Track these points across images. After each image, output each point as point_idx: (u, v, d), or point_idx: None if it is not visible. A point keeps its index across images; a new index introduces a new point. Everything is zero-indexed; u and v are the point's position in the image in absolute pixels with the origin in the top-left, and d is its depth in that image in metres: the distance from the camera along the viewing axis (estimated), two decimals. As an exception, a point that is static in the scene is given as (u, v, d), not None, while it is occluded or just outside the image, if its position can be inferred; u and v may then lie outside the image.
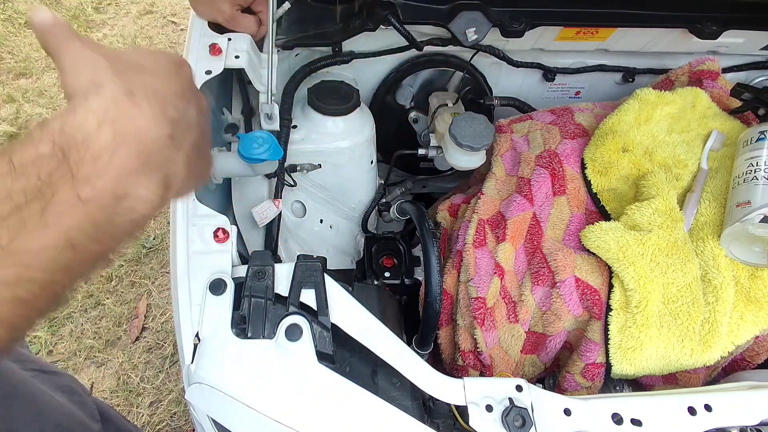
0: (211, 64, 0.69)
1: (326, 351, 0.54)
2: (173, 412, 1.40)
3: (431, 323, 0.69)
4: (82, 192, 0.32)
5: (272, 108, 0.74)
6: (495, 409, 0.51)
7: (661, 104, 0.79)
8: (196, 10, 0.75)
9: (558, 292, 0.67)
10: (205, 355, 0.52)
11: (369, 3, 0.79)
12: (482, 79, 1.00)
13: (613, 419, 0.52)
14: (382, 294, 0.75)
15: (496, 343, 0.71)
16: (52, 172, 0.31)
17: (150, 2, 2.43)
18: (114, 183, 0.33)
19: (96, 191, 0.32)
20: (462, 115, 0.80)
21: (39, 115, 1.96)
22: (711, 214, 0.70)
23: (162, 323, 1.54)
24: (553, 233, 0.74)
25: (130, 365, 1.46)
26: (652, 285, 0.64)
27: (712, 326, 0.65)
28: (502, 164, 0.82)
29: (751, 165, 0.67)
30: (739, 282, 0.67)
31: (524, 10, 0.80)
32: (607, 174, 0.75)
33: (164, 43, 2.30)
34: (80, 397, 0.76)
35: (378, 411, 0.51)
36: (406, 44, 0.83)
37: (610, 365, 0.67)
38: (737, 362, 0.73)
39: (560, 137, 0.80)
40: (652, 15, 0.84)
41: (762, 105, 0.76)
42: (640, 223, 0.68)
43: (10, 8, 2.28)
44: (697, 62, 0.86)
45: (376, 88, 1.00)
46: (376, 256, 0.89)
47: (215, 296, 0.54)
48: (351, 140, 0.84)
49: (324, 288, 0.57)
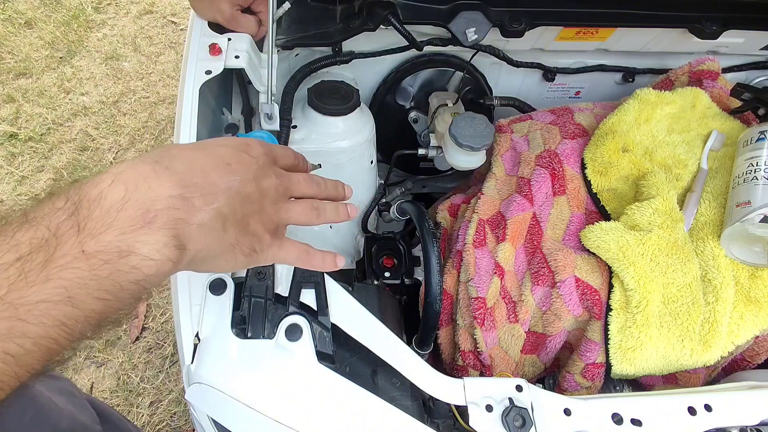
0: (211, 64, 0.69)
1: (326, 351, 0.54)
2: (173, 412, 1.40)
3: (431, 323, 0.69)
4: (86, 246, 0.32)
5: (272, 108, 0.74)
6: (495, 409, 0.51)
7: (661, 104, 0.79)
8: (196, 10, 0.75)
9: (558, 292, 0.67)
10: (205, 355, 0.52)
11: (369, 3, 0.79)
12: (482, 79, 1.00)
13: (613, 419, 0.52)
14: (382, 294, 0.75)
15: (496, 343, 0.71)
16: (61, 224, 0.31)
17: (150, 2, 2.43)
18: (118, 238, 0.33)
19: (100, 245, 0.32)
20: (462, 115, 0.80)
21: (39, 115, 1.97)
22: (711, 214, 0.70)
23: (162, 323, 1.54)
24: (553, 233, 0.74)
25: (130, 365, 1.46)
26: (652, 285, 0.64)
27: (712, 326, 0.65)
28: (502, 164, 0.82)
29: (751, 165, 0.67)
30: (739, 282, 0.67)
31: (524, 10, 0.80)
32: (607, 174, 0.75)
33: (164, 43, 2.30)
34: (79, 400, 0.76)
35: (378, 411, 0.51)
36: (406, 44, 0.83)
37: (610, 365, 0.67)
38: (737, 362, 0.73)
39: (560, 137, 0.80)
40: (652, 15, 0.84)
41: (762, 105, 0.76)
42: (640, 223, 0.68)
43: (10, 8, 2.28)
44: (697, 62, 0.86)
45: (376, 88, 1.00)
46: (376, 256, 0.89)
47: (215, 296, 0.54)
48: (351, 140, 0.84)
49: (324, 288, 0.57)
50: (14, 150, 1.87)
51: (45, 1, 2.35)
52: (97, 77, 2.13)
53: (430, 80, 0.99)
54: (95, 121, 1.99)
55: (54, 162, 1.86)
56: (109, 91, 2.09)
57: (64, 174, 1.83)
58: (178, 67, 2.20)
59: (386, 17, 0.77)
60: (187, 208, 0.37)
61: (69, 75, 2.12)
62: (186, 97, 0.66)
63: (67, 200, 0.32)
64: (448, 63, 0.95)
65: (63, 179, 1.82)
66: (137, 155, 1.89)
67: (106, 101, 2.05)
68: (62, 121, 1.97)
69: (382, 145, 0.97)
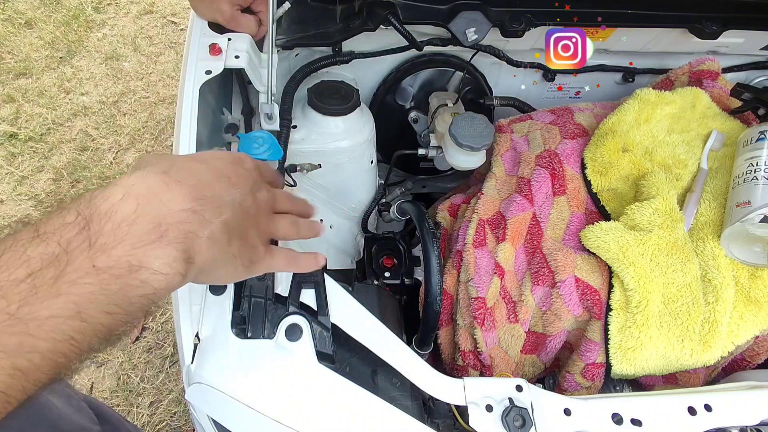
0: (211, 64, 0.69)
1: (326, 351, 0.54)
2: (173, 412, 1.40)
3: (431, 323, 0.69)
4: (97, 261, 0.32)
5: (272, 108, 0.74)
6: (495, 409, 0.51)
7: (661, 104, 0.79)
8: (196, 10, 0.75)
9: (558, 292, 0.67)
10: (205, 355, 0.52)
11: (369, 3, 0.79)
12: (482, 79, 1.00)
13: (613, 419, 0.52)
14: (382, 294, 0.75)
15: (496, 343, 0.71)
16: (71, 240, 0.32)
17: (150, 2, 2.43)
18: (129, 252, 0.33)
19: (111, 260, 0.32)
20: (462, 115, 0.80)
21: (39, 115, 1.97)
22: (711, 214, 0.70)
23: (162, 323, 1.53)
24: (553, 233, 0.74)
25: (130, 365, 1.46)
26: (652, 285, 0.64)
27: (712, 326, 0.65)
28: (502, 164, 0.82)
29: (751, 165, 0.67)
30: (739, 282, 0.67)
31: (524, 10, 0.80)
32: (607, 174, 0.75)
33: (164, 43, 2.30)
34: (77, 402, 0.76)
35: (378, 411, 0.51)
36: (406, 44, 0.83)
37: (610, 365, 0.67)
38: (737, 362, 0.73)
39: (560, 137, 0.80)
40: (652, 15, 0.84)
41: (762, 105, 0.76)
42: (640, 223, 0.68)
43: (10, 8, 2.28)
44: (697, 62, 0.86)
45: (376, 88, 1.00)
46: (376, 256, 0.89)
47: (215, 296, 0.54)
48: (351, 140, 0.84)
49: (324, 288, 0.57)
50: (14, 150, 1.87)
51: (45, 1, 2.35)
52: (97, 77, 2.13)
53: (430, 80, 0.99)
54: (95, 121, 1.99)
55: (54, 162, 1.86)
56: (109, 91, 2.09)
57: (64, 174, 1.83)
58: (178, 67, 2.20)
59: (386, 17, 0.78)
60: (198, 222, 0.37)
61: (69, 75, 2.12)
62: (186, 97, 0.66)
63: (78, 215, 0.32)
64: (448, 63, 0.95)
65: (63, 179, 1.82)
66: (139, 156, 1.89)
67: (106, 101, 2.05)
68: (62, 121, 1.97)
69: (382, 145, 0.97)
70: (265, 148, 0.64)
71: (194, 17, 0.76)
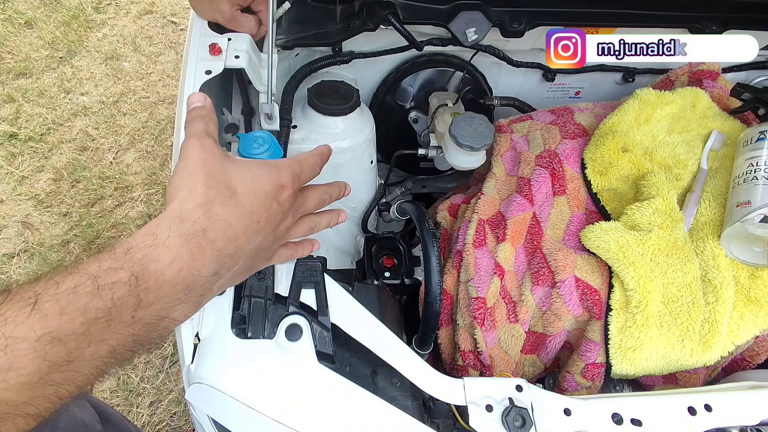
0: (211, 64, 0.69)
1: (326, 351, 0.54)
2: (173, 412, 1.40)
3: (431, 323, 0.69)
4: (137, 314, 0.38)
5: (272, 108, 0.74)
6: (495, 409, 0.51)
7: (661, 104, 0.79)
8: (196, 10, 0.75)
9: (558, 292, 0.67)
10: (205, 355, 0.52)
11: (369, 3, 0.79)
12: (482, 79, 1.00)
13: (613, 419, 0.52)
14: (382, 294, 0.75)
15: (496, 343, 0.71)
16: (123, 296, 0.37)
17: (150, 2, 2.43)
18: (162, 308, 0.40)
19: (147, 314, 0.39)
20: (462, 115, 0.80)
21: (39, 115, 1.97)
22: (711, 214, 0.70)
23: (162, 323, 1.53)
24: (553, 233, 0.74)
25: (130, 365, 1.46)
26: (652, 285, 0.64)
27: (712, 326, 0.65)
28: (502, 164, 0.82)
29: (751, 165, 0.67)
30: (739, 282, 0.67)
31: (524, 10, 0.80)
32: (607, 174, 0.75)
33: (164, 43, 2.30)
34: (79, 399, 0.76)
35: (378, 411, 0.51)
36: (406, 44, 0.83)
37: (610, 365, 0.67)
38: (737, 362, 0.73)
39: (560, 137, 0.80)
40: (652, 15, 0.84)
41: (762, 105, 0.76)
42: (640, 223, 0.68)
43: (10, 8, 2.28)
44: (697, 62, 0.86)
45: (376, 88, 1.00)
46: (376, 256, 0.89)
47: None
48: (351, 140, 0.84)
49: (324, 288, 0.57)
50: (14, 150, 1.87)
51: (45, 1, 2.35)
52: (97, 77, 2.13)
53: (430, 80, 0.99)
54: (95, 121, 1.99)
55: (54, 162, 1.86)
56: (109, 91, 2.09)
57: (63, 174, 1.83)
58: (178, 67, 2.20)
59: (386, 17, 0.78)
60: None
61: (69, 75, 2.12)
62: (186, 97, 0.66)
63: (131, 275, 0.38)
64: (448, 63, 0.95)
65: (63, 179, 1.82)
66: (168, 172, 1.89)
67: (106, 101, 2.05)
68: (62, 121, 1.97)
69: (382, 145, 0.97)
70: (265, 148, 0.63)
71: (194, 17, 0.76)
